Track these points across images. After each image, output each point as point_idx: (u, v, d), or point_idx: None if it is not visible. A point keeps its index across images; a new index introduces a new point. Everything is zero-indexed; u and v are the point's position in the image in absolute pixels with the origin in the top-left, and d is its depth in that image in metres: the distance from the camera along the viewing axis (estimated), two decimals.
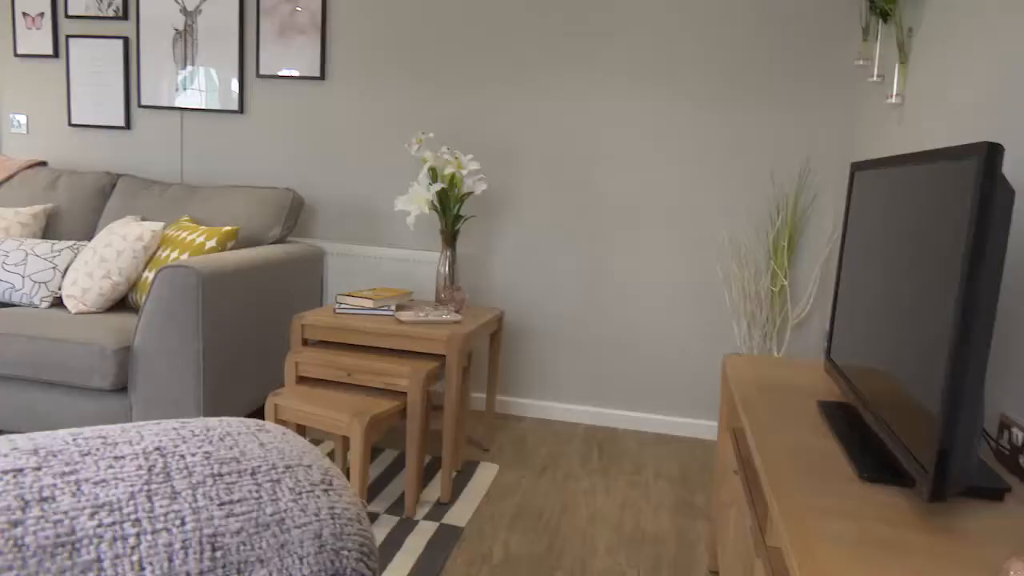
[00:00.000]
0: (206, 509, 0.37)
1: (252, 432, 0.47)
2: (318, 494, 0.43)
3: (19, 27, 3.60)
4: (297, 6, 3.29)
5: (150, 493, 0.36)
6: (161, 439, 0.42)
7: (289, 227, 3.08)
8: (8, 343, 2.39)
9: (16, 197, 3.22)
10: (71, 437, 0.41)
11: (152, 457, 0.39)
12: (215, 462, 0.41)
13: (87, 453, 0.38)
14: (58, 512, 0.34)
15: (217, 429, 0.45)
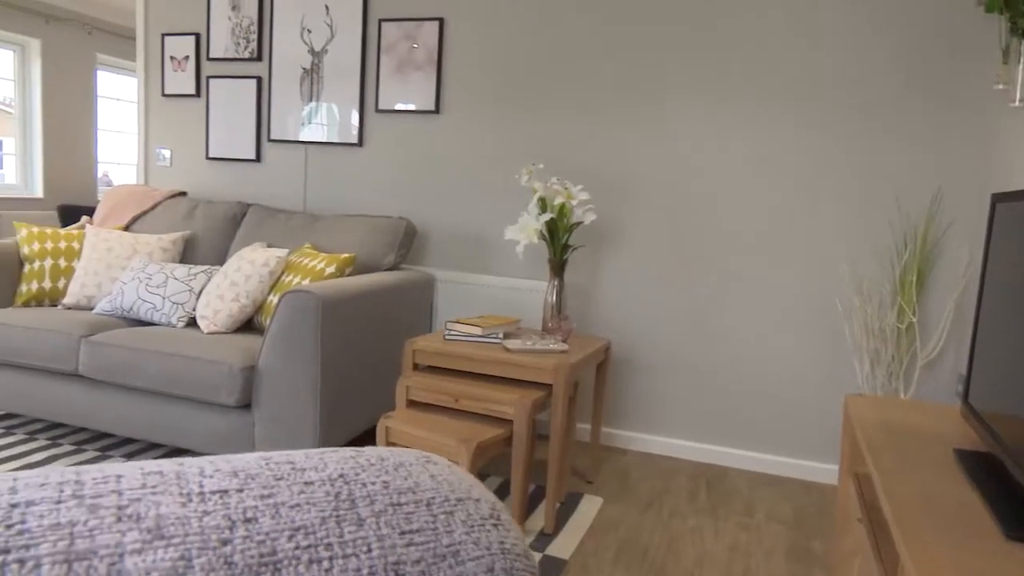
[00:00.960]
0: (389, 537, 0.39)
1: (422, 463, 0.49)
2: (488, 528, 0.44)
3: (167, 69, 3.94)
4: (415, 43, 3.43)
5: (339, 519, 0.38)
6: (342, 467, 0.44)
7: (402, 255, 3.18)
8: (149, 359, 2.59)
9: (159, 224, 3.50)
10: (263, 461, 0.44)
11: (337, 484, 0.42)
12: (393, 491, 0.43)
13: (280, 477, 0.41)
14: (260, 533, 0.36)
15: (390, 459, 0.47)
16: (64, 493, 0.35)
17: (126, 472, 0.40)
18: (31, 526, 0.33)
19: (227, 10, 3.77)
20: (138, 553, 0.35)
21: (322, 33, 3.60)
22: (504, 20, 3.30)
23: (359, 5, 3.51)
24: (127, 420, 2.70)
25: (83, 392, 2.76)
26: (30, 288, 3.13)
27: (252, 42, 3.74)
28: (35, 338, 2.76)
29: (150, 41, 3.98)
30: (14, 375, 2.86)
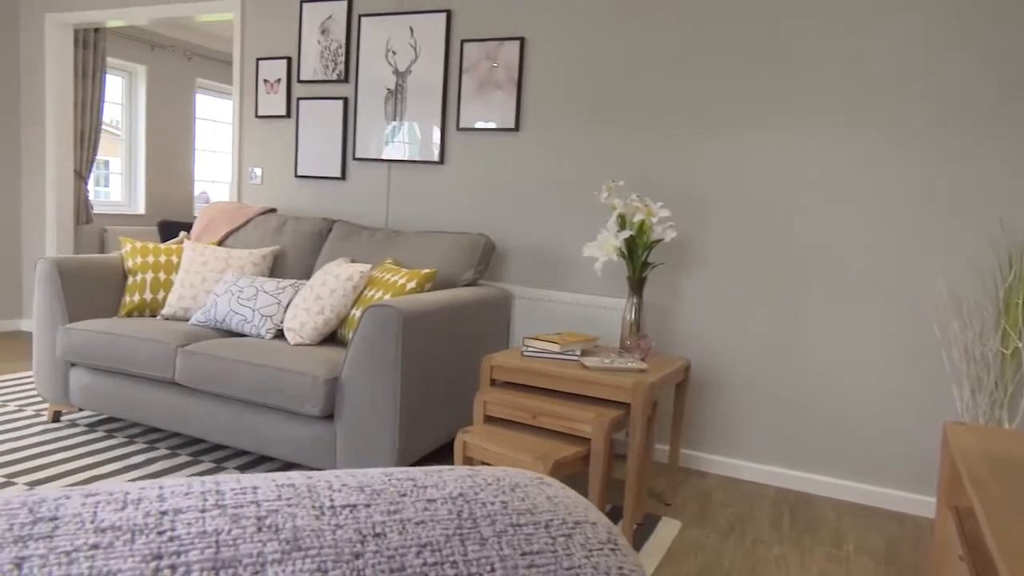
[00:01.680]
0: (511, 558, 0.39)
1: (537, 485, 0.49)
2: (607, 552, 0.44)
3: (260, 92, 4.13)
4: (495, 63, 3.48)
5: (463, 537, 0.39)
6: (461, 485, 0.45)
7: (481, 271, 3.22)
8: (240, 369, 2.70)
9: (250, 240, 3.65)
10: (386, 477, 0.45)
11: (459, 503, 0.43)
12: (512, 512, 0.43)
13: (404, 494, 0.42)
14: (390, 548, 0.38)
15: (506, 479, 0.48)
16: (208, 502, 0.37)
17: (261, 484, 0.42)
18: (180, 533, 0.35)
19: (317, 35, 3.93)
20: (279, 563, 0.36)
21: (406, 55, 3.70)
22: (584, 38, 3.31)
23: (442, 27, 3.59)
24: (217, 427, 2.82)
25: (178, 399, 2.90)
26: (133, 299, 3.32)
27: (340, 65, 3.88)
28: (136, 347, 2.92)
29: (245, 65, 4.18)
30: (117, 381, 3.04)
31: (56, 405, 3.24)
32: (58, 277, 3.15)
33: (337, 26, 3.87)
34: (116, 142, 6.02)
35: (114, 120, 5.96)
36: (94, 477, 2.69)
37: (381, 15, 3.75)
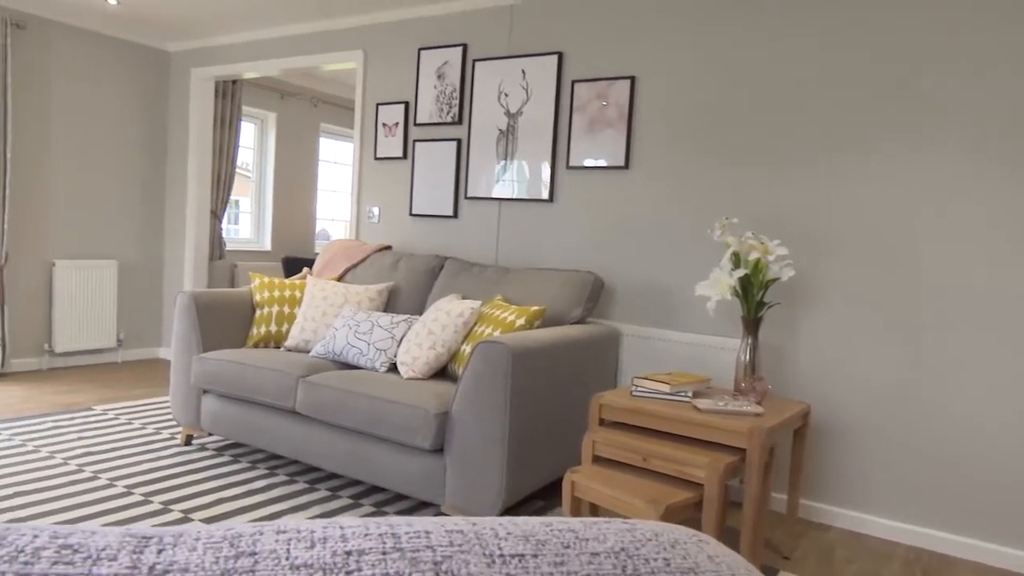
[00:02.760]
0: None
1: (695, 543, 0.48)
2: None
3: (379, 135, 4.33)
4: (605, 101, 3.51)
5: None
6: (622, 540, 0.45)
7: (589, 308, 3.20)
8: (355, 401, 2.79)
9: (367, 276, 3.81)
10: (546, 527, 0.46)
11: (621, 557, 0.42)
12: (675, 570, 0.43)
13: (567, 546, 0.42)
14: None
15: (665, 535, 0.47)
16: (386, 545, 0.39)
17: (432, 528, 0.43)
18: (365, 574, 0.36)
19: (433, 79, 4.09)
20: None
21: (518, 96, 3.79)
22: (695, 75, 3.28)
23: (554, 69, 3.66)
24: (333, 456, 2.92)
25: (298, 428, 3.03)
26: (259, 331, 3.52)
27: (454, 107, 4.02)
28: (261, 376, 3.08)
29: (366, 110, 4.41)
30: (243, 409, 3.21)
31: (189, 429, 3.46)
32: (195, 309, 3.39)
33: (452, 71, 4.02)
34: (247, 183, 6.46)
35: (245, 163, 6.41)
36: (219, 500, 2.84)
37: (494, 59, 3.86)
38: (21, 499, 2.72)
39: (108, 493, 2.83)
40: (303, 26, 4.66)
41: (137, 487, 2.91)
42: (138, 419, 3.88)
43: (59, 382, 4.64)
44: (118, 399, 4.29)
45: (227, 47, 5.14)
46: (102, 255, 5.27)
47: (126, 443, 3.45)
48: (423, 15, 4.16)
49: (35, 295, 4.92)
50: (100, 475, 3.01)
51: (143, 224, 5.51)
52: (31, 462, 3.11)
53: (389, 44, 4.30)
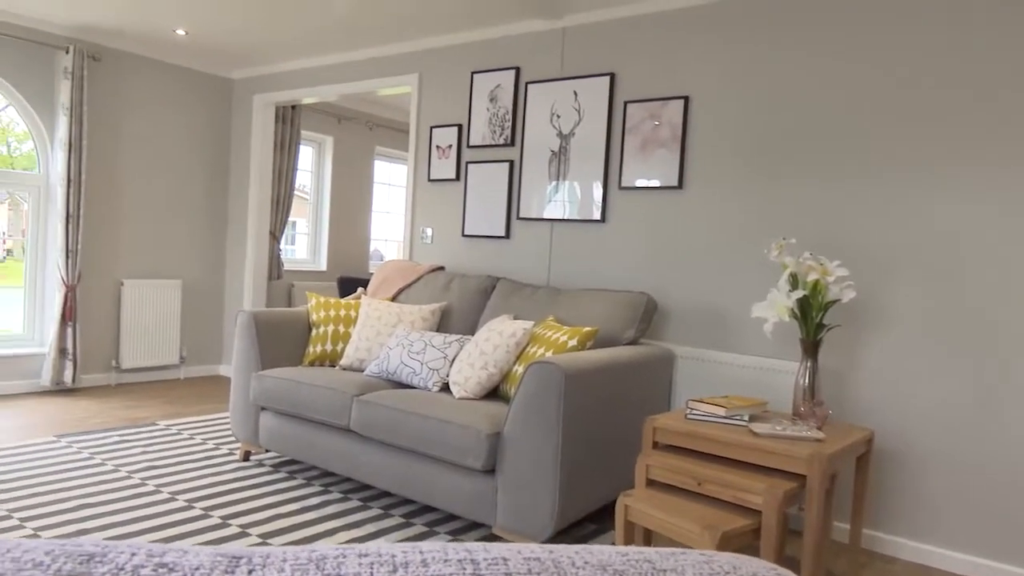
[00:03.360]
0: None
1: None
2: None
3: (433, 157, 4.40)
4: (658, 121, 3.50)
5: None
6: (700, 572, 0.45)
7: (642, 329, 3.18)
8: (408, 419, 2.82)
9: (420, 296, 3.85)
10: (622, 557, 0.46)
11: None
12: None
13: None
14: None
15: (743, 568, 0.47)
16: (466, 571, 0.40)
17: (509, 556, 0.43)
18: None
19: (486, 102, 4.15)
20: None
21: (570, 117, 3.81)
22: (750, 94, 3.25)
23: (606, 90, 3.67)
24: (386, 474, 2.95)
25: (352, 446, 3.07)
26: (315, 350, 3.59)
27: (507, 129, 4.06)
28: (317, 395, 3.14)
29: (420, 133, 4.49)
30: (299, 426, 3.27)
31: (247, 445, 3.54)
32: (254, 328, 3.48)
33: (505, 93, 4.07)
34: (304, 205, 6.63)
35: (303, 185, 6.58)
36: (276, 516, 2.90)
37: (547, 81, 3.90)
38: (87, 511, 2.82)
39: (169, 507, 2.91)
40: (360, 52, 4.79)
41: (197, 501, 2.99)
42: (199, 434, 3.98)
43: (126, 397, 4.81)
44: (180, 415, 4.43)
45: (287, 74, 5.31)
46: (167, 275, 5.47)
47: (187, 458, 3.55)
48: (476, 39, 4.22)
49: (104, 313, 5.13)
50: (162, 489, 3.10)
51: (206, 245, 5.70)
52: (98, 475, 3.23)
53: (443, 68, 4.38)
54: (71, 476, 3.19)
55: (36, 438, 3.74)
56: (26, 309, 4.93)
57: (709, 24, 3.38)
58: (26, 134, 4.90)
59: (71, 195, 4.74)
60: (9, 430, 3.88)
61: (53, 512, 2.79)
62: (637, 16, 3.61)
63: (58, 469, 3.27)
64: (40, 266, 4.93)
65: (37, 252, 4.93)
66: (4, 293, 7.22)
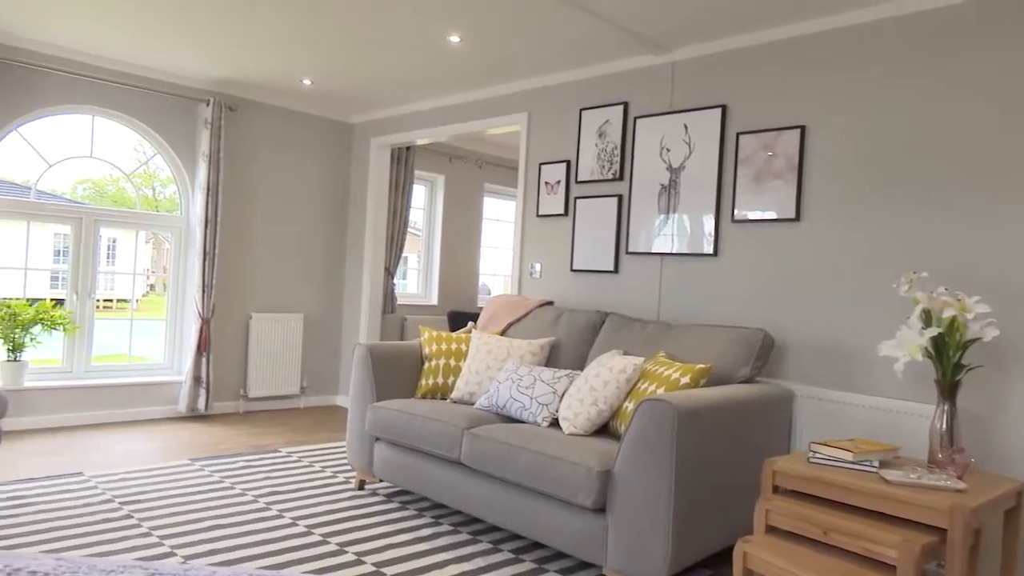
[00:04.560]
0: None
1: None
2: None
3: (542, 193, 4.46)
4: (772, 152, 3.40)
5: None
6: None
7: (758, 367, 3.06)
8: (517, 454, 2.83)
9: (529, 330, 3.88)
10: None
11: None
12: None
13: None
14: None
15: None
16: None
17: None
18: None
19: (594, 138, 4.17)
20: None
21: (680, 151, 3.77)
22: (871, 120, 3.11)
23: (717, 122, 3.61)
24: (495, 509, 2.96)
25: (462, 478, 3.11)
26: (427, 382, 3.68)
27: (615, 164, 4.06)
28: (429, 427, 3.20)
29: (529, 170, 4.57)
30: (411, 457, 3.35)
31: (362, 474, 3.66)
32: (370, 360, 3.61)
33: (613, 129, 4.08)
34: (415, 241, 6.86)
35: (415, 222, 6.82)
36: (389, 545, 2.96)
37: (656, 115, 3.88)
38: (219, 531, 2.98)
39: (291, 531, 3.04)
40: (471, 94, 4.95)
41: (316, 527, 3.10)
42: (318, 462, 4.15)
43: (251, 424, 5.09)
44: (300, 442, 4.63)
45: (402, 117, 5.56)
46: (291, 309, 5.78)
47: (307, 484, 3.70)
48: (584, 77, 4.27)
49: (234, 345, 5.47)
50: (284, 514, 3.24)
51: (326, 280, 5.99)
52: (227, 497, 3.41)
53: (551, 106, 4.45)
54: (204, 497, 3.40)
55: (173, 460, 4.01)
56: (167, 340, 5.34)
57: (825, 52, 3.27)
58: (170, 179, 5.36)
59: (208, 235, 5.12)
60: (150, 452, 4.18)
61: (189, 531, 2.97)
62: (749, 48, 3.55)
63: (192, 490, 3.49)
64: (180, 300, 5.34)
65: (177, 287, 5.34)
66: (147, 324, 7.84)
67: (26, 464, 3.81)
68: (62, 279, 5.00)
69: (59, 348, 4.92)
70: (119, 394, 4.96)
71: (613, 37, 3.71)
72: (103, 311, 5.11)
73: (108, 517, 3.08)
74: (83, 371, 4.92)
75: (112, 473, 3.70)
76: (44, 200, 4.80)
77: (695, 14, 3.33)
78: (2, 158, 4.63)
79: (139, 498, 3.34)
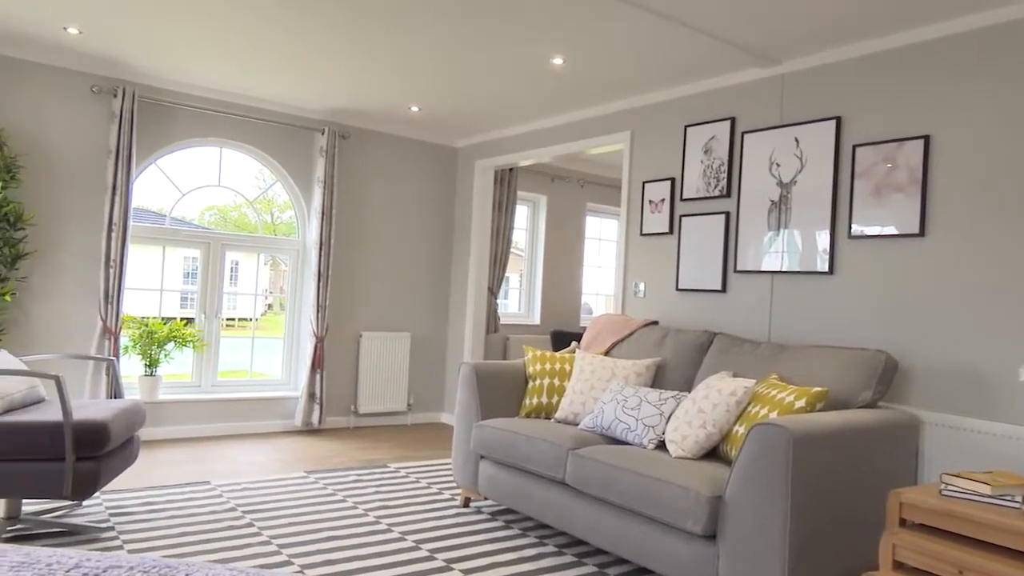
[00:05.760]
0: None
1: None
2: None
3: (645, 212, 4.41)
4: (892, 164, 3.22)
5: None
6: None
7: (880, 391, 2.89)
8: (623, 476, 2.78)
9: (633, 350, 3.83)
10: None
11: None
12: None
13: None
14: None
15: None
16: None
17: None
18: None
19: (700, 155, 4.10)
20: None
21: (791, 165, 3.64)
22: (1004, 129, 2.89)
23: (831, 135, 3.47)
24: (600, 531, 2.92)
25: (567, 499, 3.09)
26: (531, 402, 3.69)
27: (722, 181, 3.97)
28: (534, 447, 3.21)
29: (632, 189, 4.53)
30: (515, 476, 3.36)
31: (467, 491, 3.70)
32: (475, 379, 3.67)
33: (720, 145, 4.00)
34: (517, 261, 6.93)
35: (517, 242, 6.89)
36: (494, 564, 2.97)
37: (765, 130, 3.77)
38: (334, 543, 3.10)
39: (400, 546, 3.11)
40: (573, 114, 4.98)
41: (424, 543, 3.16)
42: (424, 478, 4.24)
43: (361, 439, 5.27)
44: (407, 458, 4.74)
45: (505, 139, 5.65)
46: (398, 328, 5.96)
47: (414, 500, 3.78)
48: (689, 93, 4.21)
49: (345, 362, 5.69)
50: (393, 528, 3.33)
51: (431, 300, 6.15)
52: (339, 510, 3.54)
53: (655, 124, 4.41)
54: (319, 509, 3.54)
55: (290, 472, 4.21)
56: (284, 357, 5.62)
57: (950, 58, 3.08)
58: (287, 204, 5.67)
59: (322, 257, 5.37)
60: (269, 464, 4.40)
61: (306, 541, 3.10)
62: (865, 56, 3.39)
63: (308, 502, 3.64)
64: (296, 319, 5.62)
65: (294, 307, 5.62)
66: (265, 342, 8.29)
67: (159, 472, 4.09)
68: (189, 299, 5.38)
69: (188, 363, 5.28)
70: (241, 408, 5.25)
71: (720, 52, 3.64)
72: (226, 329, 5.46)
73: (232, 525, 3.26)
74: (210, 385, 5.25)
75: (235, 483, 3.92)
76: (178, 227, 5.19)
77: (807, 24, 3.22)
78: (143, 188, 5.04)
79: (260, 507, 3.52)
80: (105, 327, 4.55)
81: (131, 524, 3.19)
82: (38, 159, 4.46)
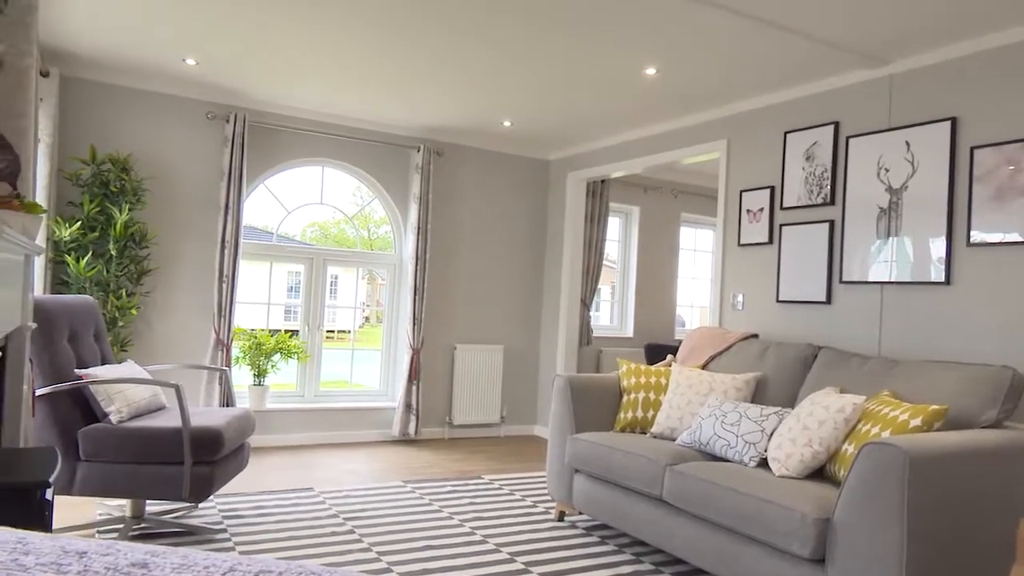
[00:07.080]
0: None
1: None
2: None
3: (743, 221, 4.29)
4: (1015, 166, 3.01)
5: None
6: None
7: (1008, 410, 2.68)
8: (723, 495, 2.70)
9: (732, 364, 3.72)
10: None
11: None
12: None
13: None
14: None
15: None
16: None
17: None
18: None
19: (801, 161, 3.95)
20: None
21: (901, 170, 3.45)
22: None
23: (946, 137, 3.27)
24: (700, 550, 2.84)
25: (664, 516, 3.03)
26: (626, 416, 3.65)
27: (825, 188, 3.81)
28: (630, 462, 3.16)
29: (729, 198, 4.42)
30: (611, 491, 3.32)
31: (562, 505, 3.69)
32: (570, 392, 3.65)
33: (822, 151, 3.84)
34: (610, 272, 6.87)
35: (609, 254, 6.84)
36: None
37: (871, 134, 3.60)
38: (431, 552, 3.15)
39: (496, 558, 3.12)
40: (666, 124, 4.91)
41: (519, 555, 3.16)
42: (519, 491, 4.25)
43: (456, 451, 5.34)
44: (502, 471, 4.77)
45: (597, 151, 5.64)
46: (491, 340, 6.03)
47: (508, 512, 3.80)
48: (789, 98, 4.08)
49: (440, 374, 5.80)
50: (488, 539, 3.35)
51: (524, 312, 6.18)
52: (436, 520, 3.60)
53: (753, 131, 4.29)
54: (416, 518, 3.61)
55: (389, 481, 4.31)
56: (382, 368, 5.78)
57: None
58: (383, 219, 5.85)
59: (418, 271, 5.51)
60: (369, 472, 4.52)
61: (404, 550, 3.16)
62: (981, 52, 3.19)
63: (406, 511, 3.72)
64: (393, 332, 5.77)
65: (391, 320, 5.78)
66: (363, 354, 8.54)
67: (267, 478, 4.28)
68: (292, 312, 5.62)
69: (293, 374, 5.52)
70: (342, 417, 5.43)
71: (822, 54, 3.51)
72: (326, 341, 5.68)
73: (335, 531, 3.37)
74: (313, 395, 5.46)
75: (338, 490, 4.05)
76: (283, 243, 5.45)
77: (919, 21, 3.06)
78: (252, 207, 5.33)
79: (361, 515, 3.62)
80: (218, 339, 4.82)
81: (242, 527, 3.35)
82: (160, 182, 4.79)
